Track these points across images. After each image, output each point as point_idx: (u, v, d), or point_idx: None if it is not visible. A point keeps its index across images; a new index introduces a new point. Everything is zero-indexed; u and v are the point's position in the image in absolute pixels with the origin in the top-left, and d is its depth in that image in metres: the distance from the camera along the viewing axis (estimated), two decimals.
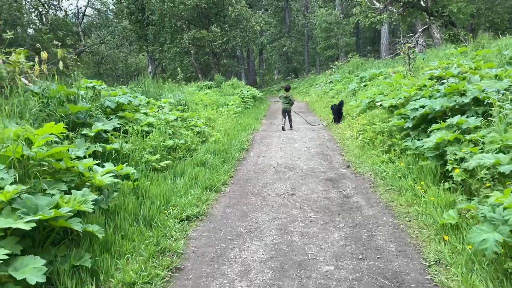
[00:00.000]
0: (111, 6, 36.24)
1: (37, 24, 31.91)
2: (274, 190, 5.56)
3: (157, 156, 5.60)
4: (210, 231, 4.22)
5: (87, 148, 4.58)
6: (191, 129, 8.11)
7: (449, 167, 4.48)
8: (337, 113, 11.59)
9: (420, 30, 21.68)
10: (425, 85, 7.30)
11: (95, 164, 4.13)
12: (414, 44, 21.98)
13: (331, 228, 4.14)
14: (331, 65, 24.23)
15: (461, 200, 4.06)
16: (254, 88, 23.07)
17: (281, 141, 9.23)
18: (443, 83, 7.08)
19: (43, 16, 30.96)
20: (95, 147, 4.77)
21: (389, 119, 7.39)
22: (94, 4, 36.49)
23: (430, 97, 6.41)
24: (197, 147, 7.23)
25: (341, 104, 11.27)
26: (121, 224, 3.85)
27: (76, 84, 5.74)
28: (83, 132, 5.05)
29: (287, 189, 5.55)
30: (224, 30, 28.53)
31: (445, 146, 4.73)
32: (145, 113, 6.95)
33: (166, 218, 4.32)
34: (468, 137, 4.59)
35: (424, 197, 4.47)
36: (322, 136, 9.63)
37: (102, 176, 3.98)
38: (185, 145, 6.87)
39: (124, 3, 29.78)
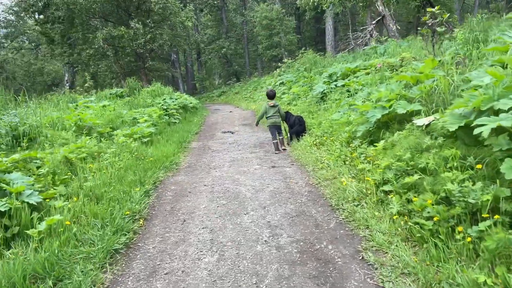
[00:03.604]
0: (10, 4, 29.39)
1: None
2: None
3: None
4: None
5: None
6: None
7: None
8: (300, 129, 7.42)
9: (373, 22, 19.16)
10: None
11: None
12: (369, 38, 18.68)
13: None
14: (279, 63, 20.05)
15: None
16: (188, 96, 18.19)
17: (215, 204, 4.46)
18: None
19: None
20: None
21: (468, 160, 3.01)
22: None
23: None
24: None
25: (288, 114, 7.95)
26: None
27: None
28: None
29: None
30: (147, 26, 23.30)
31: None
32: None
33: None
34: None
35: None
36: (294, 185, 4.98)
37: None
38: None
39: (29, 2, 23.15)
